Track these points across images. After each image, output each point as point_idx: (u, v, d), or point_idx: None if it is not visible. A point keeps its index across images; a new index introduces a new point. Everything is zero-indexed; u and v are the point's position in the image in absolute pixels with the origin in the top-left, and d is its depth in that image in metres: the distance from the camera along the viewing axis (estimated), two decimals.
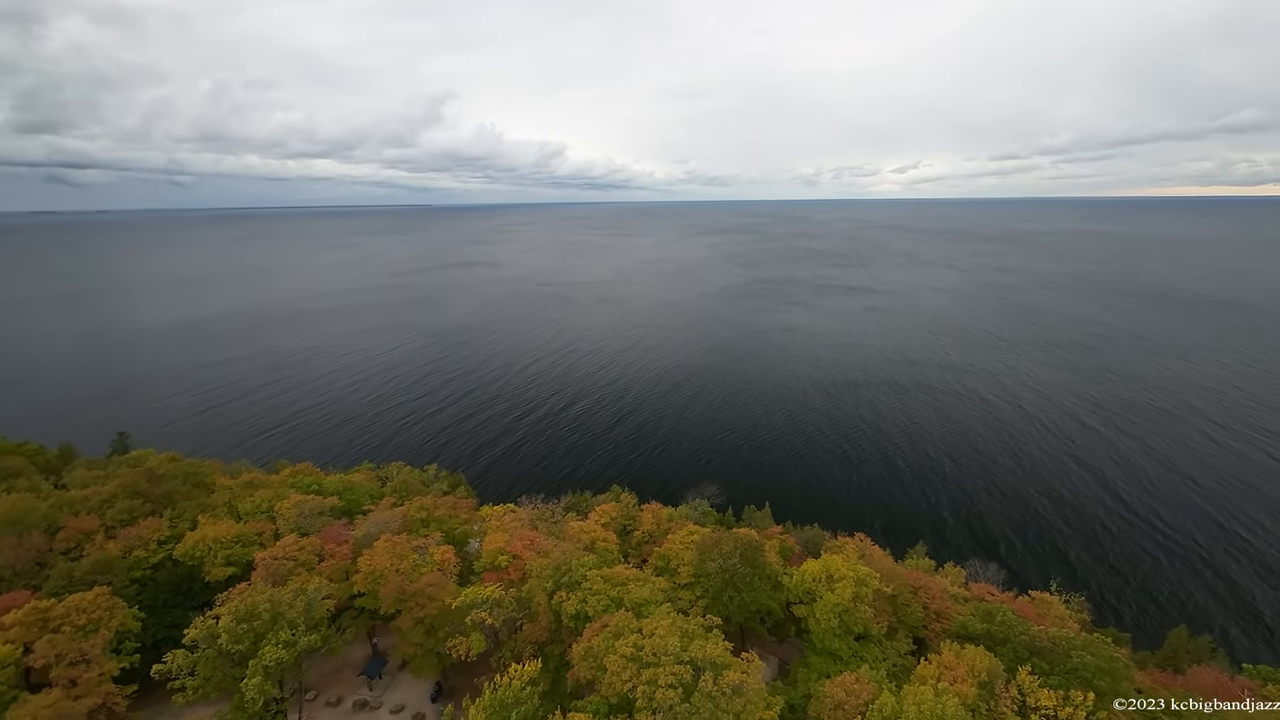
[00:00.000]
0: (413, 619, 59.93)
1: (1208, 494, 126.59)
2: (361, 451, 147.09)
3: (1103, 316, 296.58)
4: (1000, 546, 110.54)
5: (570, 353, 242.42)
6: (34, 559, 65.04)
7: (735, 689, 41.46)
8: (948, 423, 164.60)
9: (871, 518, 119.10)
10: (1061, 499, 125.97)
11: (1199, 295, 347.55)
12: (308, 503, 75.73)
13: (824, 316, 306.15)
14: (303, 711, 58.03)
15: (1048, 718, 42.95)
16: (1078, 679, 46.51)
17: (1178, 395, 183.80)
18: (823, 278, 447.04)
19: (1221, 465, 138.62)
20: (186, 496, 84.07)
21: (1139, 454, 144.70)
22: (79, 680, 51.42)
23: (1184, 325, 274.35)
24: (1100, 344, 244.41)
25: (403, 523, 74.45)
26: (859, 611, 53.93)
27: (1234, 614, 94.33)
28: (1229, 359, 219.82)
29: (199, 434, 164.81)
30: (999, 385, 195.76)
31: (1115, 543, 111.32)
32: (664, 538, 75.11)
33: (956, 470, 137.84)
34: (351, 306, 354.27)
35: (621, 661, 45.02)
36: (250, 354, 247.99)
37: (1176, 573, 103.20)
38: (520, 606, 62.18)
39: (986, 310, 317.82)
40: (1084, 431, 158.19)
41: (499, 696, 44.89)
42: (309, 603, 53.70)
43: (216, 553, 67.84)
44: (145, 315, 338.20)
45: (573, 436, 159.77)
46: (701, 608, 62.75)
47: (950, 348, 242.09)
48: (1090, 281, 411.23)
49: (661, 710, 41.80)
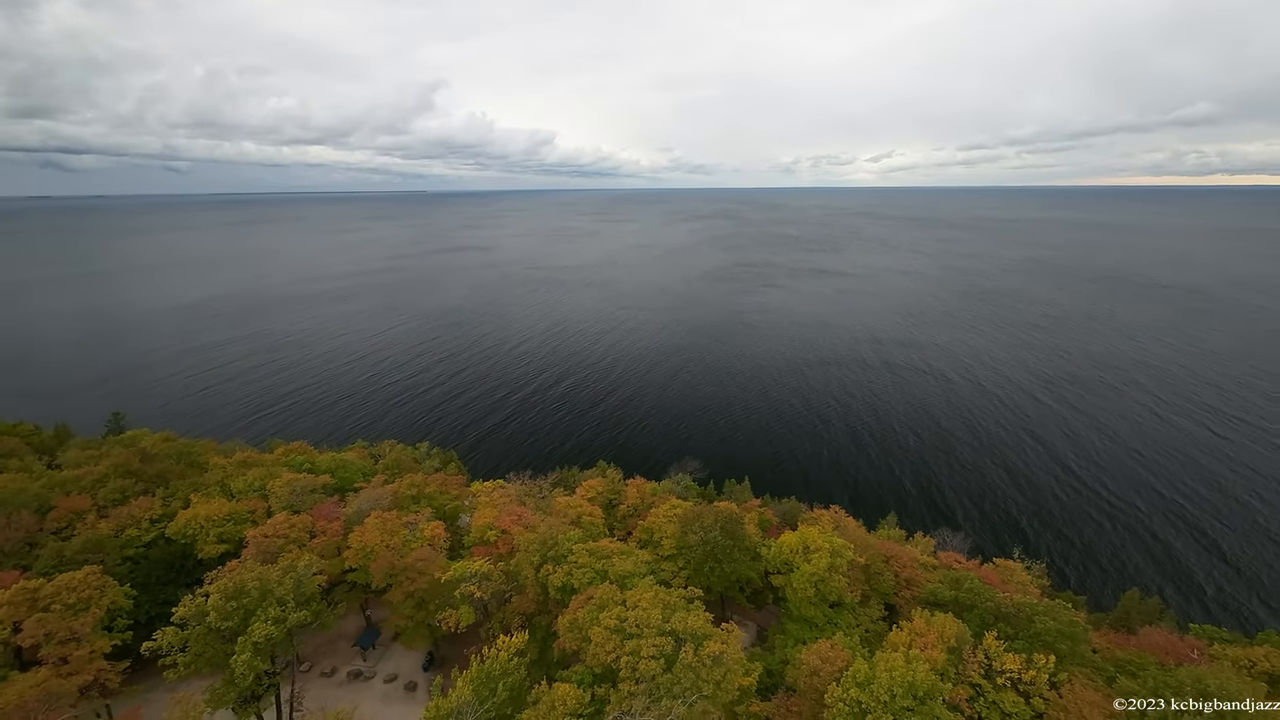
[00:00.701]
0: (403, 593, 58.46)
1: (1150, 465, 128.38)
2: (355, 429, 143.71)
3: (1058, 299, 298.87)
4: (958, 515, 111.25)
5: (558, 333, 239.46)
6: (24, 539, 62.30)
7: (715, 659, 40.60)
8: (911, 399, 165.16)
9: (841, 490, 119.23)
10: (1016, 470, 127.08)
11: (1148, 279, 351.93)
12: (299, 481, 73.32)
13: (798, 298, 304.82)
14: (296, 683, 56.46)
15: (1012, 680, 42.74)
16: (1040, 643, 46.38)
17: (1125, 373, 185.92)
18: (797, 262, 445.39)
19: (1163, 438, 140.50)
20: (180, 475, 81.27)
21: (1088, 428, 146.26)
22: (69, 658, 49.35)
23: (1133, 307, 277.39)
24: (1054, 324, 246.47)
25: (393, 499, 72.51)
26: (834, 581, 53.35)
27: (1169, 575, 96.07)
28: (1173, 339, 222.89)
29: (195, 414, 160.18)
30: (959, 363, 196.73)
31: (1064, 511, 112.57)
32: (648, 511, 74.08)
33: (919, 444, 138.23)
34: (347, 289, 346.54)
35: (605, 633, 43.92)
36: (247, 335, 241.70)
37: (1119, 537, 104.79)
38: (509, 579, 60.89)
39: (950, 293, 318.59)
40: (1037, 406, 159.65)
41: (486, 669, 43.62)
42: (298, 579, 51.78)
43: (208, 531, 65.57)
44: (143, 298, 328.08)
45: (560, 413, 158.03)
46: (684, 578, 61.99)
47: (915, 328, 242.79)
48: (1048, 266, 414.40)
49: (644, 680, 40.87)
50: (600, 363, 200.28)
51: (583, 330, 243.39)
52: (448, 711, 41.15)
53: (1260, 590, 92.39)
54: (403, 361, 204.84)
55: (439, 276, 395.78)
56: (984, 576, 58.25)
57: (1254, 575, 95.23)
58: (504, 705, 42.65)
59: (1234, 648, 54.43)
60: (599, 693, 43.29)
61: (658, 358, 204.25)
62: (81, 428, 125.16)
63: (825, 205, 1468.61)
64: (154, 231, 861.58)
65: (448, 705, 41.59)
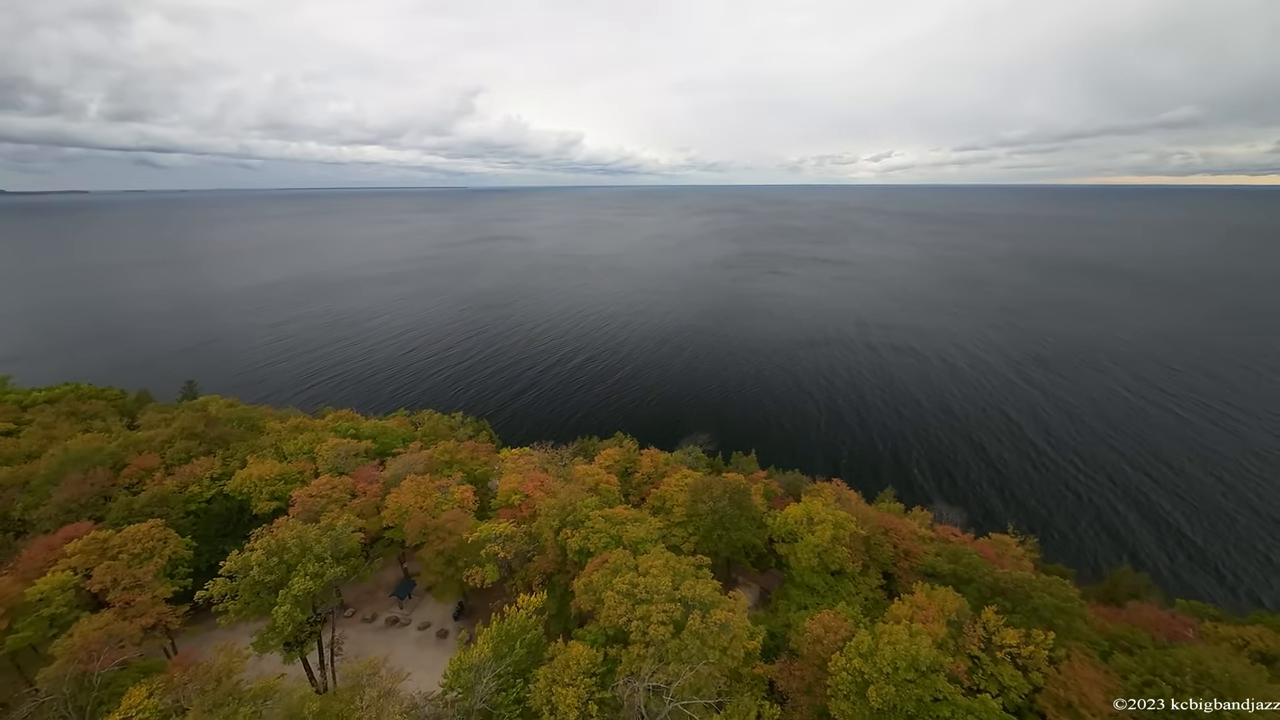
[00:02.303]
0: (434, 551, 56.50)
1: (1118, 443, 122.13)
2: (397, 399, 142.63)
3: (1040, 287, 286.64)
4: (942, 486, 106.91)
5: (582, 314, 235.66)
6: (99, 493, 61.58)
7: (722, 626, 37.64)
8: (902, 378, 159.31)
9: (834, 462, 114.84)
10: (994, 445, 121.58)
11: (1126, 271, 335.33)
12: (344, 445, 71.75)
13: (800, 285, 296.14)
14: (336, 629, 55.20)
15: (1011, 655, 39.15)
16: (1037, 618, 42.60)
17: (1099, 356, 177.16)
18: (800, 252, 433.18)
19: (1131, 418, 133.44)
20: (240, 438, 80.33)
21: (1062, 407, 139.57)
22: (133, 602, 48.41)
23: (1109, 296, 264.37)
24: (1036, 311, 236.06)
25: (428, 464, 70.59)
26: (836, 552, 49.96)
27: (1128, 547, 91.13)
28: (1146, 325, 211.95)
29: (259, 382, 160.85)
30: (946, 345, 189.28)
31: (1037, 485, 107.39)
32: (661, 480, 71.17)
33: (907, 420, 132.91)
34: (396, 274, 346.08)
35: (617, 597, 41.24)
36: (308, 314, 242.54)
37: (1086, 509, 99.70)
38: (530, 541, 58.71)
39: (938, 280, 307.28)
40: (1015, 387, 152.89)
41: (505, 627, 41.33)
42: (336, 538, 49.91)
43: (261, 489, 64.34)
44: (223, 280, 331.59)
45: (582, 388, 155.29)
46: (693, 544, 59.19)
47: (905, 312, 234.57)
48: (1030, 258, 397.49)
49: (654, 644, 38.20)
50: (618, 341, 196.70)
51: (603, 312, 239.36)
52: (469, 665, 39.09)
53: (1219, 562, 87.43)
54: (441, 338, 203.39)
55: (476, 263, 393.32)
56: (980, 550, 54.35)
57: (1211, 549, 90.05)
58: (521, 661, 40.45)
59: (1226, 626, 50.04)
60: (611, 653, 40.77)
61: (674, 338, 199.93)
62: (163, 394, 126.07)
63: (828, 201, 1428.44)
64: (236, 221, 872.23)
65: (470, 659, 39.46)
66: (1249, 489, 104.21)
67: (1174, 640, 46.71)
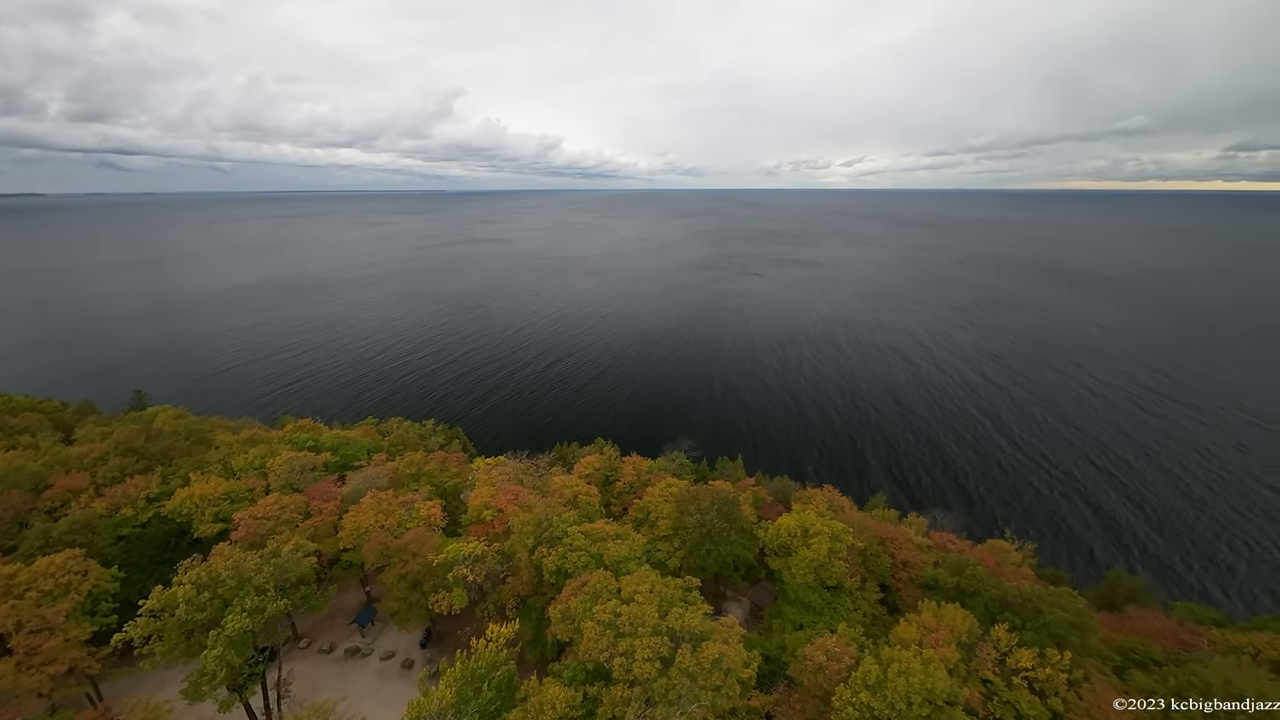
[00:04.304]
0: (397, 574, 50.85)
1: (1086, 436, 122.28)
2: (366, 406, 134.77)
3: (1004, 287, 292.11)
4: (910, 481, 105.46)
5: (564, 317, 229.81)
6: (13, 519, 54.31)
7: (715, 663, 33.20)
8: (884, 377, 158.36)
9: (821, 464, 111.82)
10: (964, 442, 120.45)
11: (1085, 271, 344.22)
12: (299, 459, 65.25)
13: (777, 286, 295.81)
14: (283, 667, 49.14)
15: (1029, 680, 35.59)
16: (1049, 635, 39.22)
17: (1063, 353, 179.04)
18: (776, 254, 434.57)
19: (1097, 413, 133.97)
20: (185, 453, 73.13)
21: (1030, 403, 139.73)
22: (40, 648, 41.73)
23: (1071, 296, 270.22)
24: (1000, 310, 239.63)
25: (392, 478, 64.70)
26: (833, 566, 46.03)
27: (1098, 536, 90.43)
28: (1107, 323, 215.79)
29: (220, 391, 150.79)
30: (916, 344, 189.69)
31: (1008, 479, 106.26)
32: (644, 489, 66.60)
33: (888, 419, 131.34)
34: (372, 277, 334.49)
35: (598, 629, 36.42)
36: (277, 319, 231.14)
37: (1055, 503, 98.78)
38: (503, 560, 53.40)
39: (908, 281, 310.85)
40: (986, 385, 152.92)
41: (470, 667, 36.11)
42: (282, 565, 44.09)
43: (204, 510, 57.65)
44: (189, 283, 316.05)
45: (560, 392, 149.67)
46: (679, 559, 54.73)
47: (877, 311, 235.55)
48: (997, 258, 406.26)
49: (640, 683, 33.56)
50: (601, 343, 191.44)
51: (585, 314, 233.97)
52: (428, 714, 33.90)
53: (1184, 553, 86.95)
54: (416, 342, 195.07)
55: (455, 266, 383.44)
56: (979, 558, 51.05)
57: (1182, 539, 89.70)
58: (490, 704, 35.36)
59: (1233, 633, 47.52)
60: (591, 692, 35.98)
61: (653, 339, 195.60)
62: (113, 404, 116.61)
63: (803, 205, 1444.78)
64: (203, 224, 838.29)
65: (429, 706, 34.24)
66: (1210, 481, 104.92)
67: (1184, 650, 44.05)
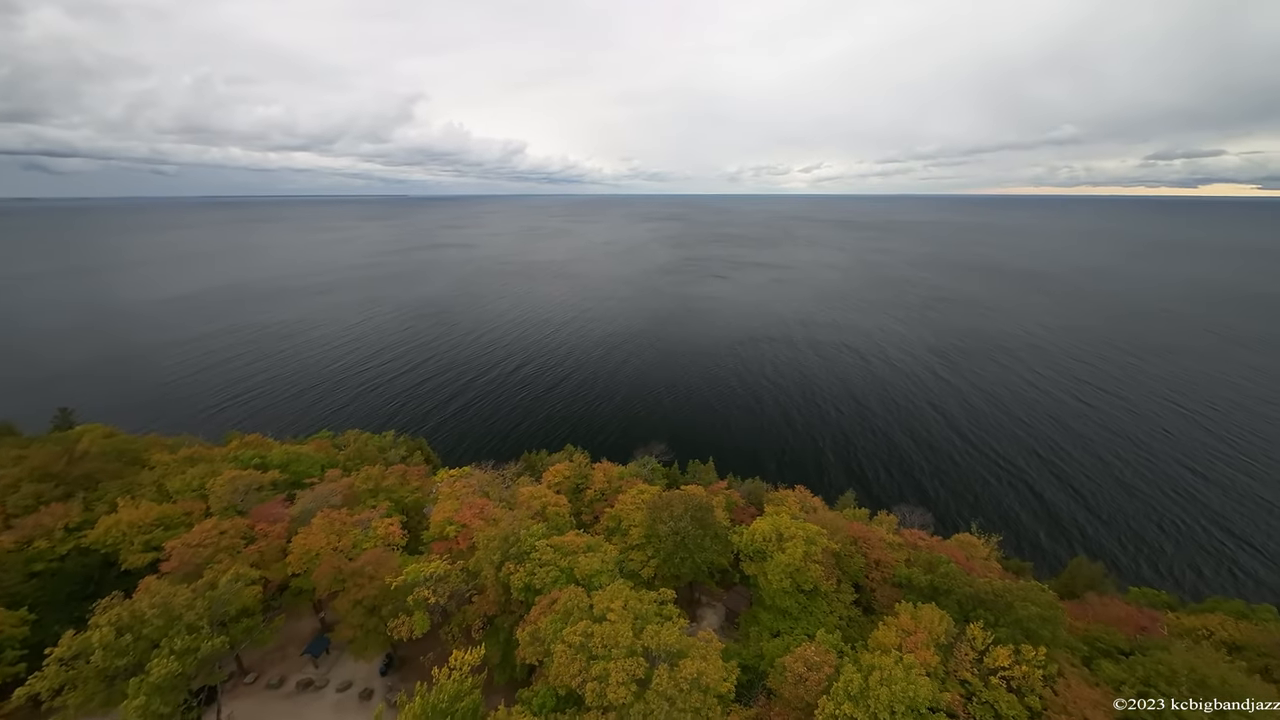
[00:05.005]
0: (351, 600, 46.81)
1: (1030, 428, 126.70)
2: (323, 419, 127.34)
3: (952, 286, 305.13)
4: (864, 474, 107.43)
5: (531, 322, 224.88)
6: None
7: (693, 682, 31.23)
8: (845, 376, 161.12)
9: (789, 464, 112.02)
10: (918, 436, 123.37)
11: (1026, 270, 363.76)
12: (243, 478, 59.85)
13: (740, 288, 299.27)
14: (224, 708, 44.42)
15: (1007, 679, 35.07)
16: (1022, 629, 39.00)
17: (1007, 349, 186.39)
18: (740, 257, 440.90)
19: (1039, 405, 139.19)
20: (116, 475, 66.32)
21: (978, 398, 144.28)
22: None
23: (1012, 294, 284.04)
24: (949, 308, 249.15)
25: (347, 495, 60.19)
26: (809, 570, 44.83)
27: (1042, 522, 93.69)
28: (1045, 320, 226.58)
29: (160, 407, 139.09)
30: (871, 342, 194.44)
31: (958, 470, 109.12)
32: (615, 496, 64.26)
33: (840, 416, 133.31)
34: (330, 283, 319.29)
35: (569, 651, 33.93)
36: (226, 329, 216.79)
37: (1004, 492, 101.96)
38: (468, 578, 50.09)
39: (863, 282, 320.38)
40: (937, 380, 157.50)
41: (432, 700, 33.04)
42: (218, 598, 39.68)
43: (133, 538, 51.97)
44: (122, 294, 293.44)
45: (528, 397, 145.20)
46: (653, 568, 52.62)
47: (834, 312, 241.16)
48: (944, 260, 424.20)
49: (614, 708, 31.23)
50: (568, 348, 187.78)
51: (552, 318, 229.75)
52: None
53: (1120, 536, 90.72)
54: (377, 350, 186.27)
55: (418, 271, 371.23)
56: (949, 554, 50.97)
57: (1117, 524, 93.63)
58: None
59: (1187, 616, 48.94)
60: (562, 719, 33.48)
61: (621, 342, 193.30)
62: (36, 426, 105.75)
63: (764, 209, 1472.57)
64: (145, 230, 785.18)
65: None
66: (1143, 466, 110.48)
67: (1144, 635, 44.86)
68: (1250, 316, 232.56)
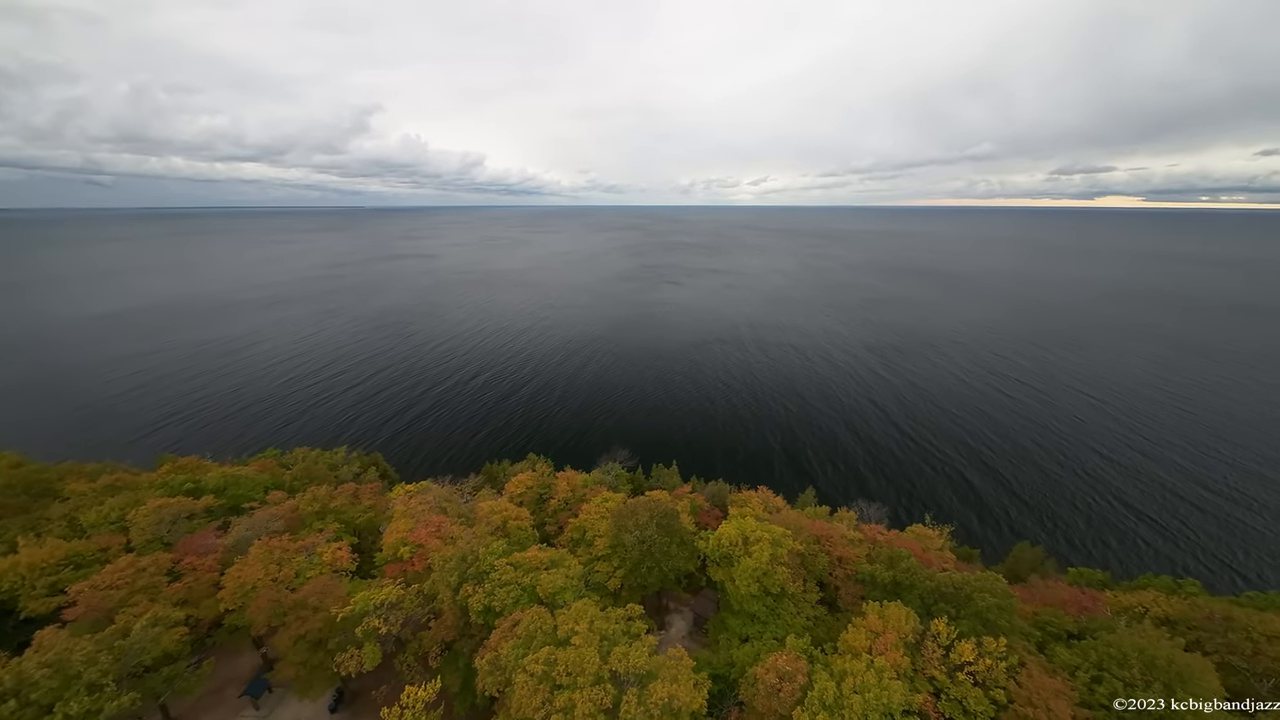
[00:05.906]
0: (293, 635, 41.54)
1: (959, 420, 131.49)
2: (267, 436, 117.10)
3: (887, 288, 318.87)
4: (814, 470, 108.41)
5: (490, 330, 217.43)
6: None
7: (664, 707, 28.56)
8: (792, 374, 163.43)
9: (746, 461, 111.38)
10: (860, 431, 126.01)
11: (950, 273, 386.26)
12: (170, 507, 52.88)
13: (694, 293, 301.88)
14: None
15: (972, 674, 34.23)
16: (981, 621, 38.51)
17: (936, 346, 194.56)
18: (692, 264, 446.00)
19: (967, 399, 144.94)
20: (21, 509, 57.66)
21: (912, 393, 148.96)
22: None
23: (941, 294, 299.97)
24: (885, 309, 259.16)
25: (290, 519, 54.22)
26: (776, 573, 43.14)
27: (973, 508, 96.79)
28: (972, 317, 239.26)
29: (84, 433, 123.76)
30: (814, 342, 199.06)
31: (898, 463, 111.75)
32: (579, 505, 60.96)
33: (789, 415, 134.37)
34: (281, 296, 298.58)
35: (531, 681, 30.59)
36: (164, 346, 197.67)
37: (937, 480, 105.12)
38: (424, 602, 45.62)
39: (807, 286, 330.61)
40: (875, 377, 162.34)
41: None
42: (130, 647, 33.89)
43: (36, 581, 44.62)
44: (44, 311, 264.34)
45: (490, 407, 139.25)
46: (619, 578, 49.69)
47: (782, 314, 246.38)
48: (879, 264, 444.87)
49: None
50: (527, 355, 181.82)
51: (512, 326, 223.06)
52: None
53: (1041, 515, 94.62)
54: (329, 363, 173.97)
55: (376, 282, 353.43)
56: (907, 547, 50.60)
57: (1037, 507, 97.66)
58: None
59: (1122, 594, 50.33)
60: None
61: (580, 348, 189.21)
62: None
63: (715, 220, 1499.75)
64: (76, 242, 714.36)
65: None
66: (1063, 452, 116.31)
67: (1087, 614, 45.56)
68: (1142, 310, 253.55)
